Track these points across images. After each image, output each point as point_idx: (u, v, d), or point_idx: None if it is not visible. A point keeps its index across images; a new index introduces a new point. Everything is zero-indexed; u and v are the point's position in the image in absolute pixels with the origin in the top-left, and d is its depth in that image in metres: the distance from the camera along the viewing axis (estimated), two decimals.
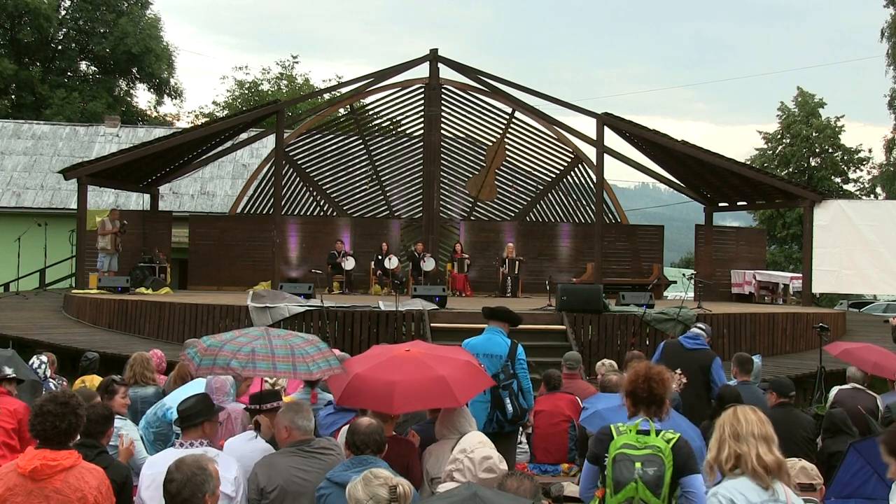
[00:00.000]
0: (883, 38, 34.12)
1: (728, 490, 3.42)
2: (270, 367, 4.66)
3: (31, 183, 25.00)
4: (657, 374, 4.06)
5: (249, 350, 4.66)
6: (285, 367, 4.67)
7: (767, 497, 3.41)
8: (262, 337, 4.83)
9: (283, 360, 4.67)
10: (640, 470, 3.73)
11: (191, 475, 3.37)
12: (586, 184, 20.86)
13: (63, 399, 3.83)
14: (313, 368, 4.75)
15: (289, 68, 39.74)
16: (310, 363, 4.74)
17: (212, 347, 4.73)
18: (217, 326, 12.76)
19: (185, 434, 4.60)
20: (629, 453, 3.79)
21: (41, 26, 33.48)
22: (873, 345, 9.35)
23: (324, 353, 4.90)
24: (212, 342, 4.81)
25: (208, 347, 4.75)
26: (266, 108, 19.61)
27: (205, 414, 4.59)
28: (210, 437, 4.65)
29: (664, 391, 4.03)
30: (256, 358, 4.64)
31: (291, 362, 4.68)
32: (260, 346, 4.70)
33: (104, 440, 4.81)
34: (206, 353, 4.70)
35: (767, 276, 19.53)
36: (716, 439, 3.59)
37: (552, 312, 13.24)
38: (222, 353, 4.66)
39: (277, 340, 4.82)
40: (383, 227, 20.59)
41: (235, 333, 4.96)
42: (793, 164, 36.27)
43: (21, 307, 16.42)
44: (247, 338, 4.82)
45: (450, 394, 5.10)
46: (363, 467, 3.89)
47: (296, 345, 4.85)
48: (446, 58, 19.15)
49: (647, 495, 3.70)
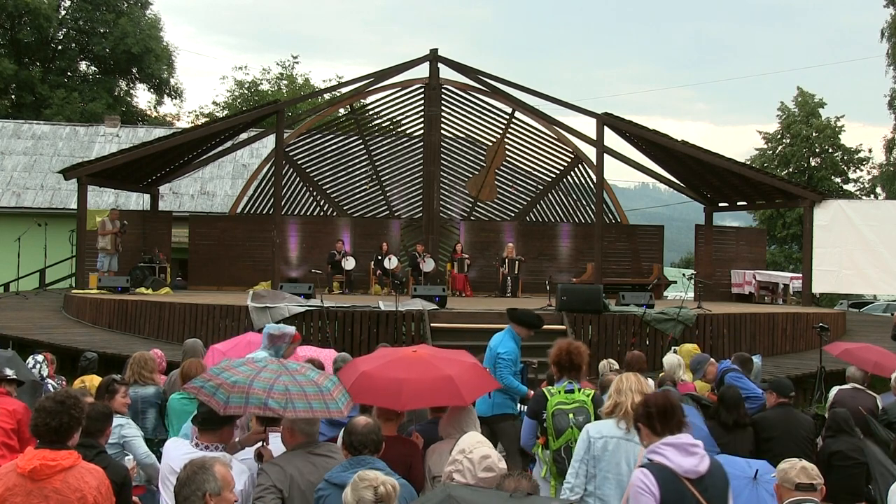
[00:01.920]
0: (883, 38, 34.12)
1: (595, 426, 4.65)
2: (307, 406, 4.40)
3: (31, 183, 25.01)
4: (575, 348, 5.37)
5: (283, 388, 4.41)
6: (319, 406, 4.42)
7: (622, 434, 4.51)
8: (285, 373, 4.56)
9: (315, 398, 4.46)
10: (573, 419, 5.01)
11: (192, 474, 3.38)
12: (586, 184, 20.86)
13: (59, 398, 3.84)
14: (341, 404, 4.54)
15: (289, 68, 39.83)
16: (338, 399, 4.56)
17: (239, 384, 4.40)
18: (217, 326, 12.78)
19: (203, 435, 4.55)
20: (563, 408, 5.05)
21: (41, 26, 33.49)
22: (873, 345, 9.36)
23: (338, 387, 4.70)
24: (237, 378, 4.44)
25: (234, 384, 4.41)
26: (266, 109, 19.61)
27: (225, 420, 4.54)
28: (226, 442, 4.64)
29: (581, 361, 5.31)
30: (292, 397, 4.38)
31: (322, 399, 4.46)
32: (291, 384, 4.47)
33: (102, 439, 4.81)
34: (234, 389, 4.39)
35: (767, 276, 19.53)
36: (609, 394, 4.73)
37: (552, 312, 13.23)
38: (254, 391, 4.37)
39: (300, 377, 4.58)
40: (383, 227, 20.59)
41: (254, 367, 4.61)
42: (793, 164, 36.27)
43: (21, 307, 16.43)
44: (270, 373, 4.51)
45: (457, 393, 5.14)
46: (361, 467, 3.88)
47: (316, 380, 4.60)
48: (446, 58, 19.15)
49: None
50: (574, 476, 4.59)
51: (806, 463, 4.32)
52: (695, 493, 3.63)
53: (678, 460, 3.68)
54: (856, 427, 6.61)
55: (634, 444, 4.40)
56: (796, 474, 4.19)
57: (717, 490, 3.71)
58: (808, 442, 6.53)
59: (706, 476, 3.69)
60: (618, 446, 4.55)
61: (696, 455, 3.72)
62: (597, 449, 4.55)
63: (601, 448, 4.55)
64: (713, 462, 3.79)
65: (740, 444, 6.31)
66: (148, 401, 6.95)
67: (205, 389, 4.40)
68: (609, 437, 4.56)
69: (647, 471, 3.67)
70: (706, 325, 13.31)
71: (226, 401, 4.33)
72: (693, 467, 3.68)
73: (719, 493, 3.72)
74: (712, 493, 3.67)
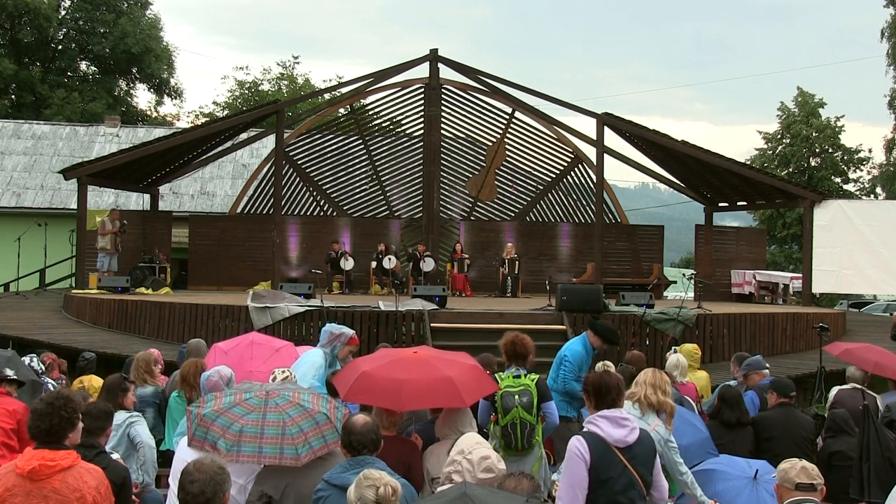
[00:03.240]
0: (883, 38, 34.11)
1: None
2: (256, 450, 4.38)
3: (31, 183, 25.00)
4: (520, 339, 5.96)
5: (238, 429, 4.42)
6: (271, 451, 4.37)
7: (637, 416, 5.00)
8: (258, 409, 4.53)
9: (271, 443, 4.38)
10: (518, 399, 5.60)
11: (213, 474, 3.42)
12: (586, 184, 20.86)
13: (50, 399, 3.85)
14: (301, 451, 4.38)
15: (289, 68, 39.81)
16: (299, 445, 4.40)
17: (206, 419, 4.51)
18: (217, 326, 12.78)
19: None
20: (510, 390, 5.66)
21: (41, 26, 33.48)
22: (873, 345, 9.35)
23: (321, 427, 4.56)
24: (207, 412, 4.55)
25: (203, 417, 4.53)
26: (266, 109, 19.60)
27: None
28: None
29: (525, 350, 5.91)
30: (243, 440, 4.39)
31: (279, 444, 4.38)
32: (250, 425, 4.44)
33: (102, 439, 4.81)
34: (201, 423, 4.50)
35: (767, 276, 19.52)
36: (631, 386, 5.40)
37: (552, 312, 13.23)
38: (213, 428, 4.45)
39: (272, 415, 4.50)
40: (383, 227, 20.59)
41: (235, 399, 4.64)
42: (793, 164, 36.26)
43: (21, 307, 16.42)
44: (242, 408, 4.54)
45: (456, 394, 5.18)
46: (361, 468, 3.88)
47: (290, 420, 4.50)
48: (446, 58, 19.14)
49: (525, 414, 5.57)
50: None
51: (806, 463, 4.32)
52: (622, 460, 4.15)
53: (609, 430, 4.19)
54: (856, 427, 6.61)
55: (645, 424, 4.98)
56: (796, 474, 4.19)
57: (643, 458, 4.24)
58: (808, 442, 6.54)
59: (634, 445, 4.21)
60: None
61: (627, 427, 4.24)
62: None
63: None
64: (643, 433, 4.34)
65: (740, 444, 6.32)
66: (146, 400, 6.99)
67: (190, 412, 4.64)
68: None
69: (582, 438, 4.19)
70: (706, 325, 13.31)
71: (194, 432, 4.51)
72: (622, 437, 4.20)
73: (646, 460, 4.26)
74: (639, 461, 4.20)
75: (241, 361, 7.14)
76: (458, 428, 5.29)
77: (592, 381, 4.42)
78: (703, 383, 8.71)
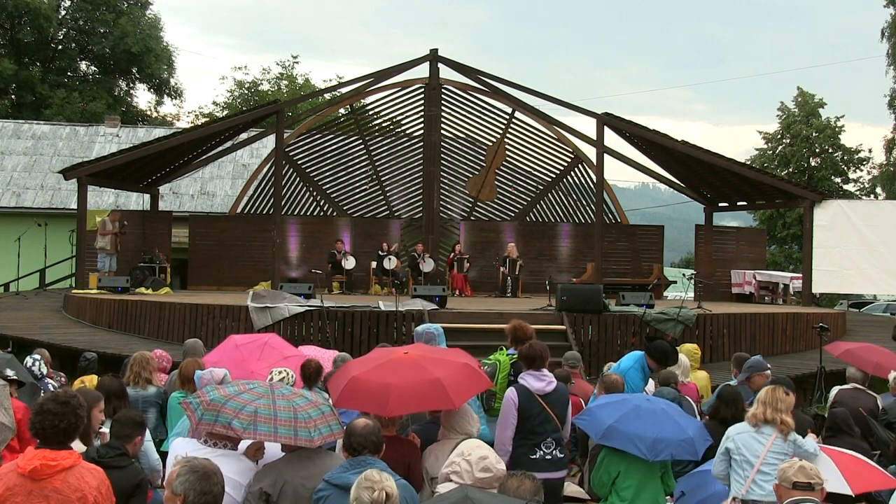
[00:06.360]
0: (883, 38, 34.10)
1: (735, 428, 5.52)
2: (272, 430, 4.49)
3: (31, 183, 25.00)
4: (521, 326, 6.90)
5: (252, 410, 4.50)
6: (286, 432, 4.48)
7: (754, 431, 5.40)
8: (266, 395, 4.65)
9: (286, 424, 4.50)
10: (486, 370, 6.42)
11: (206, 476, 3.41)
12: (586, 184, 20.86)
13: (64, 398, 3.81)
14: (314, 434, 4.53)
15: (289, 68, 39.79)
16: (311, 429, 4.54)
17: (214, 402, 4.56)
18: (217, 326, 12.78)
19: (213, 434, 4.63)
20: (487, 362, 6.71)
21: (41, 26, 33.47)
22: (874, 345, 9.37)
23: (326, 417, 4.70)
24: (215, 396, 4.63)
25: (211, 402, 4.57)
26: (266, 109, 19.61)
27: None
28: (234, 442, 4.70)
29: (524, 335, 6.72)
30: (259, 420, 4.48)
31: (293, 426, 4.50)
32: (263, 407, 4.54)
33: (129, 446, 4.81)
34: (209, 407, 4.55)
35: (767, 276, 19.52)
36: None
37: (552, 312, 13.24)
38: (224, 410, 4.50)
39: (281, 401, 4.63)
40: (383, 227, 20.59)
41: (240, 388, 4.76)
42: (793, 164, 36.26)
43: (21, 307, 16.43)
44: (251, 395, 4.64)
45: (445, 396, 5.13)
46: (362, 468, 3.90)
47: (299, 407, 4.65)
48: (446, 58, 19.14)
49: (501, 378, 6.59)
50: (718, 462, 5.53)
51: (805, 462, 4.33)
52: (542, 403, 5.70)
53: (532, 383, 5.75)
54: (855, 427, 6.62)
55: (765, 436, 5.37)
56: (794, 473, 4.20)
57: (559, 403, 5.80)
58: None
59: (552, 394, 5.76)
60: (747, 439, 5.41)
61: (545, 380, 5.78)
62: (731, 441, 5.44)
63: (734, 440, 5.43)
64: (558, 385, 5.90)
65: None
66: (148, 401, 6.99)
67: (190, 404, 4.67)
68: (740, 432, 5.45)
69: (514, 389, 5.76)
70: (706, 325, 13.32)
71: (200, 417, 4.55)
72: (542, 388, 5.74)
73: (561, 405, 5.81)
74: (556, 406, 5.75)
75: (248, 359, 7.15)
76: (456, 429, 5.29)
77: (525, 352, 5.92)
78: (704, 383, 8.72)
